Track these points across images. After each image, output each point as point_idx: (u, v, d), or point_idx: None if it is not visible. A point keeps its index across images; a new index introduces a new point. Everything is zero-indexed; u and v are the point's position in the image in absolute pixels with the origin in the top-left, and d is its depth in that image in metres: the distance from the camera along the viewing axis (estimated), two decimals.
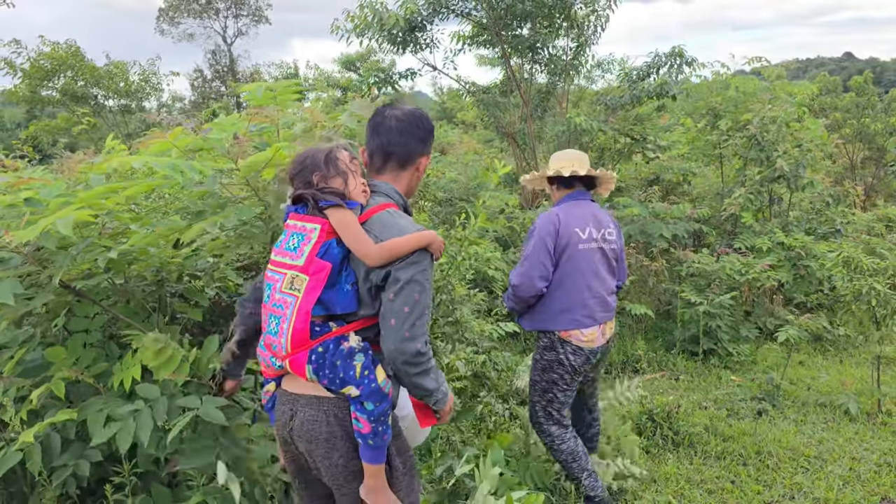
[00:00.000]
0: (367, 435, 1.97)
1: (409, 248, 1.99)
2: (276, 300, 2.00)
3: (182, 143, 2.38)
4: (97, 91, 14.96)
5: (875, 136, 14.74)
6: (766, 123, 8.78)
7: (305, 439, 2.05)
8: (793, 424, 5.10)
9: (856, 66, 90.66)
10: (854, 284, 5.25)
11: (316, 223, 2.01)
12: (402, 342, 1.93)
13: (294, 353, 1.97)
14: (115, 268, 2.91)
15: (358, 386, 1.95)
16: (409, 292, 1.96)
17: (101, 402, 2.39)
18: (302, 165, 2.08)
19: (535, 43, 9.36)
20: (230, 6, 33.84)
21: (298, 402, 2.07)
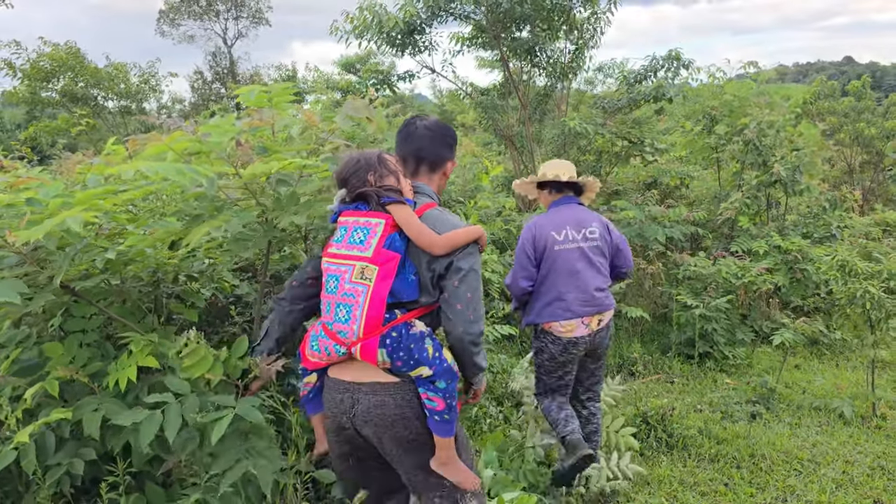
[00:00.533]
0: (443, 411, 2.17)
1: (466, 240, 2.23)
2: (346, 290, 2.16)
3: (179, 146, 2.40)
4: (97, 92, 14.98)
5: (873, 139, 14.77)
6: (763, 128, 8.82)
7: (374, 423, 2.21)
8: (787, 428, 5.12)
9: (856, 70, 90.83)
10: (849, 288, 5.27)
11: (380, 218, 2.19)
12: (469, 324, 2.19)
13: (365, 339, 2.13)
14: (111, 268, 2.93)
15: (431, 366, 2.14)
16: (471, 279, 2.22)
17: (95, 402, 2.41)
18: (357, 166, 2.27)
19: (534, 46, 9.39)
20: (230, 8, 33.86)
21: (360, 389, 2.22)
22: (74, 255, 2.62)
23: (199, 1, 32.83)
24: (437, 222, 2.25)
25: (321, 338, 2.24)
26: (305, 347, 2.33)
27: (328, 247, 2.29)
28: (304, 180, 2.82)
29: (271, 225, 2.70)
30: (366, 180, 2.24)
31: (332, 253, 2.25)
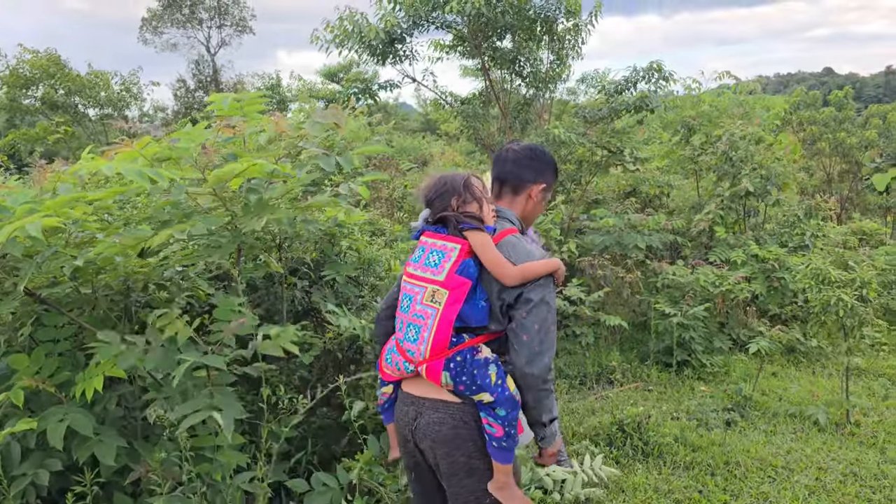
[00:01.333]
0: (501, 438, 2.17)
1: (540, 273, 2.20)
2: (417, 311, 2.20)
3: (149, 151, 2.40)
4: (77, 100, 14.88)
5: (851, 149, 14.97)
6: (735, 140, 8.92)
7: (430, 438, 2.26)
8: (762, 435, 5.15)
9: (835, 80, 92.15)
10: (823, 296, 5.33)
11: (457, 243, 2.21)
12: (534, 356, 2.15)
13: (431, 360, 2.18)
14: (81, 277, 2.92)
15: (492, 393, 2.15)
16: (539, 311, 2.17)
17: (61, 412, 2.39)
18: (443, 189, 2.29)
19: (515, 55, 9.45)
20: (214, 16, 33.75)
21: (424, 404, 2.27)
22: (42, 263, 2.61)
23: (181, 9, 32.68)
24: (512, 250, 2.24)
25: (394, 353, 2.30)
26: (382, 360, 2.38)
27: (407, 265, 2.34)
28: (272, 187, 2.82)
29: (239, 231, 2.70)
30: (449, 204, 2.26)
31: (409, 272, 2.30)
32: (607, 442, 4.83)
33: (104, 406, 2.57)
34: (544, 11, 9.14)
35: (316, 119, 2.80)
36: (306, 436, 3.53)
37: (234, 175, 2.53)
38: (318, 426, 3.58)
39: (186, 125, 2.77)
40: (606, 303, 7.62)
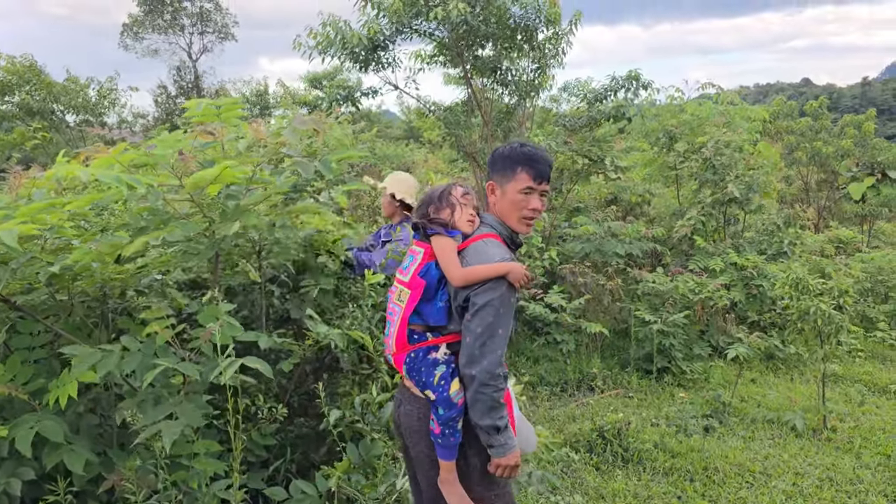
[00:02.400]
0: (437, 436, 2.31)
1: (486, 276, 2.24)
2: (390, 308, 2.42)
3: (125, 158, 2.38)
4: (55, 106, 14.74)
5: (828, 158, 15.18)
6: (720, 147, 9.02)
7: (403, 427, 2.47)
8: (741, 441, 5.19)
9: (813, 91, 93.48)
10: (801, 304, 5.39)
11: (421, 247, 2.40)
12: (473, 358, 2.20)
13: (397, 354, 2.38)
14: (57, 283, 2.89)
15: (434, 391, 2.29)
16: (484, 315, 2.21)
17: (33, 419, 2.36)
18: (423, 200, 2.48)
19: (497, 64, 9.48)
20: (196, 23, 33.62)
21: (404, 395, 2.47)
22: (17, 269, 2.58)
23: (163, 15, 32.52)
24: (474, 254, 2.31)
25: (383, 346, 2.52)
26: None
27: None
28: (250, 193, 2.81)
29: (217, 237, 2.68)
30: (426, 212, 2.43)
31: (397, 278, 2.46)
32: (587, 448, 4.85)
33: (78, 413, 2.53)
34: (524, 20, 9.19)
35: (295, 125, 2.79)
36: (285, 444, 3.51)
37: (210, 181, 2.52)
38: (296, 434, 3.56)
39: (163, 132, 2.75)
40: (587, 310, 7.65)
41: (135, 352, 2.29)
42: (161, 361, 2.24)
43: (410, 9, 8.36)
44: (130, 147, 2.47)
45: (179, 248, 2.82)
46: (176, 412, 2.26)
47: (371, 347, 3.50)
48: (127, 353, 2.28)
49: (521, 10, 9.17)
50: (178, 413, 2.26)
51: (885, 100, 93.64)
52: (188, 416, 2.26)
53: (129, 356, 2.27)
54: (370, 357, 3.73)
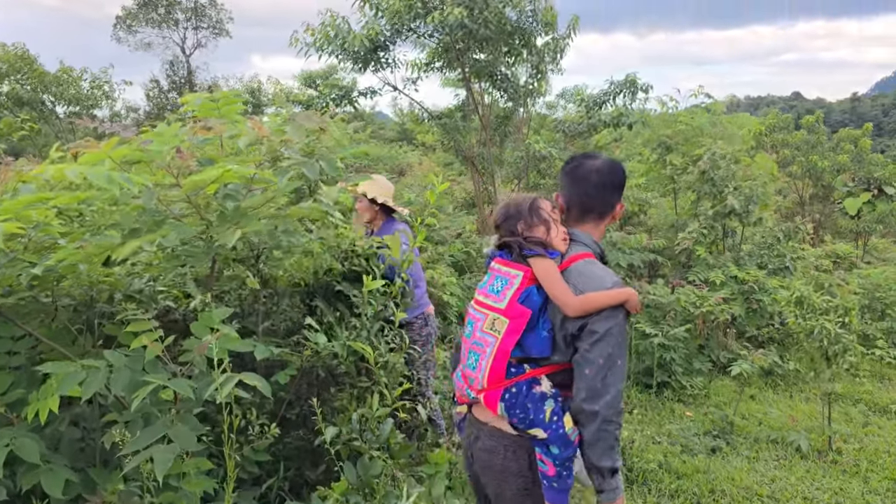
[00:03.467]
0: (552, 478, 2.09)
1: (607, 303, 2.06)
2: (478, 338, 2.15)
3: (118, 153, 2.19)
4: (46, 97, 14.46)
5: (823, 172, 15.14)
6: (716, 160, 8.90)
7: (481, 464, 2.24)
8: (745, 461, 5.05)
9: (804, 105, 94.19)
10: (807, 323, 5.25)
11: (519, 270, 2.13)
12: (595, 392, 2.02)
13: (489, 389, 2.12)
14: (40, 285, 2.69)
15: (546, 430, 2.06)
16: (604, 345, 2.04)
17: (8, 435, 2.15)
18: (508, 214, 2.23)
19: (494, 68, 9.35)
20: (190, 17, 33.35)
21: (483, 429, 2.23)
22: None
23: (157, 9, 32.23)
24: (580, 278, 2.12)
25: (458, 379, 2.28)
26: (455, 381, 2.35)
27: (476, 290, 2.28)
28: (251, 195, 2.62)
29: (214, 242, 2.49)
30: (515, 229, 2.21)
31: (476, 298, 2.25)
32: None
33: (58, 428, 2.34)
34: (520, 24, 9.07)
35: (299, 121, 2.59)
36: (277, 459, 3.32)
37: (210, 182, 2.34)
38: (293, 447, 3.37)
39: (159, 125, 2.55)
40: None
41: (122, 368, 2.10)
42: (151, 378, 2.05)
43: (409, 11, 8.21)
44: (124, 141, 2.28)
45: (168, 250, 2.63)
46: (168, 435, 2.07)
47: (372, 359, 3.32)
48: (113, 369, 2.09)
49: (517, 14, 9.06)
50: (171, 436, 2.06)
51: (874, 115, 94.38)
52: (181, 439, 2.07)
53: (117, 373, 2.07)
54: (369, 369, 3.55)
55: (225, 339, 2.33)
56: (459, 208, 9.64)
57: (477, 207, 9.76)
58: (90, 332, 2.80)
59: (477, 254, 7.40)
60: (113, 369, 2.08)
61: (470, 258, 7.36)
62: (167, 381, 2.08)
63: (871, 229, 14.36)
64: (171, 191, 2.41)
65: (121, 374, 2.07)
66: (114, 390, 2.05)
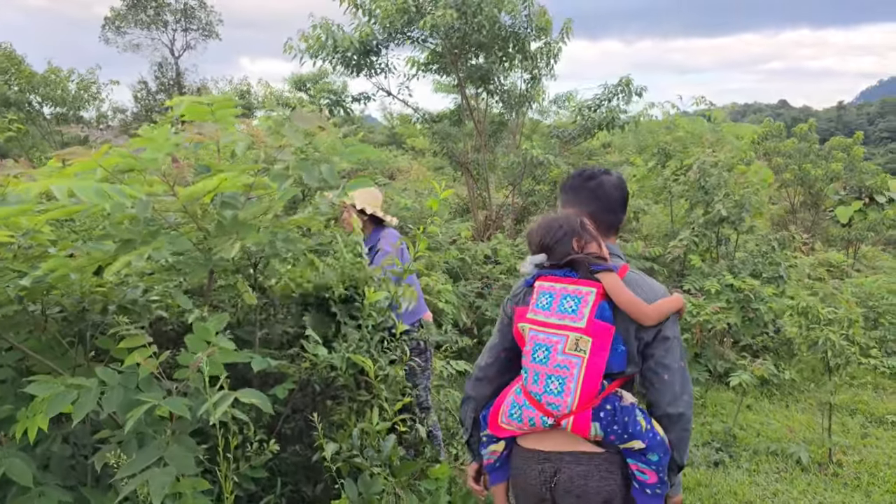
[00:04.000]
0: (655, 485, 2.09)
1: (673, 309, 2.16)
2: (559, 361, 2.06)
3: (109, 162, 2.09)
4: (33, 97, 14.26)
5: (815, 181, 15.16)
6: (706, 168, 8.86)
7: (575, 494, 2.11)
8: (746, 474, 4.98)
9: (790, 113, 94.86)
10: (811, 335, 5.20)
11: (591, 286, 2.10)
12: (676, 395, 2.10)
13: (579, 412, 2.04)
14: (29, 296, 2.58)
15: (644, 439, 2.06)
16: (677, 348, 2.14)
17: None
18: (561, 232, 2.18)
19: (488, 73, 9.28)
20: (179, 19, 33.12)
21: (563, 459, 2.13)
22: None
23: (146, 10, 31.98)
24: (639, 288, 2.17)
25: (525, 408, 2.13)
26: (498, 416, 2.22)
27: (526, 312, 2.19)
28: (250, 203, 2.51)
29: (212, 253, 2.38)
30: (571, 247, 2.18)
31: (539, 320, 2.14)
32: None
33: (49, 448, 2.23)
34: (514, 29, 9.01)
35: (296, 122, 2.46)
36: (274, 474, 3.21)
37: (207, 192, 2.24)
38: (289, 462, 3.26)
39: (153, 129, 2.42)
40: None
41: (115, 387, 1.99)
42: (145, 397, 1.95)
43: (402, 16, 8.12)
44: (114, 149, 2.17)
45: (168, 262, 2.52)
46: (164, 457, 1.96)
47: (372, 373, 3.22)
48: (106, 387, 1.97)
49: (511, 18, 9.00)
50: (167, 458, 1.96)
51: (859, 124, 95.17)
52: (178, 462, 1.96)
53: (109, 392, 1.96)
54: (368, 382, 3.44)
55: (221, 353, 2.22)
56: (452, 214, 9.55)
57: (471, 213, 9.69)
58: (82, 345, 2.69)
59: (472, 261, 7.32)
60: (105, 388, 1.97)
61: (465, 265, 7.27)
62: (162, 400, 1.97)
63: (862, 237, 14.39)
64: (166, 198, 2.31)
65: (114, 392, 1.96)
66: (106, 410, 1.94)
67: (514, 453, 2.28)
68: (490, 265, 7.50)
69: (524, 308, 2.20)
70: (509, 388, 2.27)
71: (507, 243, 7.66)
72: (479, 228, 9.16)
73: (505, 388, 2.30)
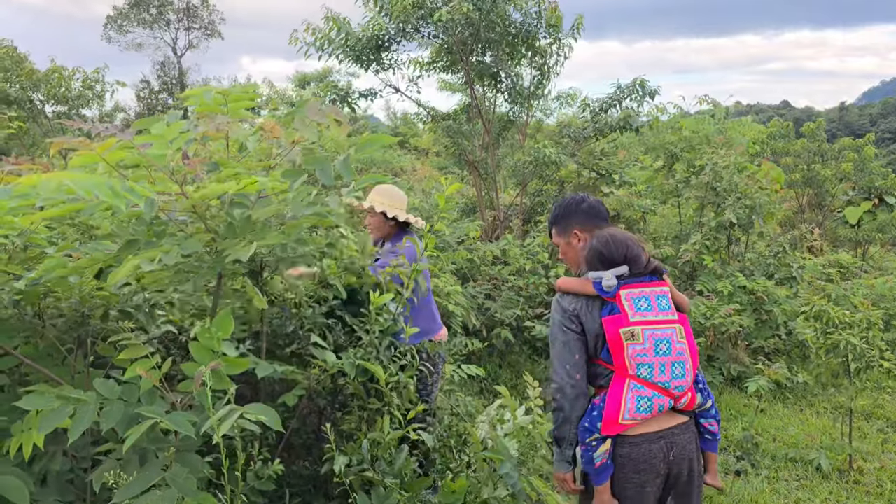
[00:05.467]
0: (716, 433, 2.66)
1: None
2: (678, 349, 2.45)
3: (113, 157, 1.95)
4: (35, 95, 14.11)
5: (824, 181, 15.00)
6: (718, 171, 8.71)
7: (688, 458, 2.50)
8: (766, 481, 4.84)
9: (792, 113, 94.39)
10: (830, 339, 5.05)
11: (665, 286, 2.56)
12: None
13: (691, 388, 2.48)
14: (25, 299, 2.44)
15: (710, 397, 2.61)
16: None
17: None
18: (637, 246, 2.56)
19: (497, 70, 9.14)
20: (182, 18, 33.04)
21: (673, 433, 2.47)
22: None
23: (149, 9, 31.90)
24: None
25: (655, 398, 2.41)
26: (618, 415, 2.41)
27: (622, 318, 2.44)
28: (262, 201, 2.36)
29: (222, 255, 2.23)
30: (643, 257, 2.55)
31: (648, 320, 2.45)
32: None
33: (48, 463, 2.08)
34: (525, 26, 8.87)
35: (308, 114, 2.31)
36: (282, 486, 3.07)
37: (220, 194, 2.09)
38: (300, 476, 3.12)
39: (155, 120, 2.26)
40: None
41: (115, 401, 1.84)
42: (147, 412, 1.80)
43: (417, 10, 7.97)
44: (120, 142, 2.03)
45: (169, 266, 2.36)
46: (166, 478, 1.81)
47: (383, 380, 3.08)
48: (105, 401, 1.83)
49: (521, 15, 8.86)
50: (169, 479, 1.81)
51: (861, 124, 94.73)
52: (181, 484, 1.82)
53: (109, 407, 1.82)
54: (378, 390, 3.29)
55: (227, 364, 2.07)
56: (460, 215, 9.40)
57: (479, 213, 9.54)
58: (82, 353, 2.55)
59: (481, 262, 7.17)
60: (104, 402, 1.82)
61: (474, 266, 7.12)
62: (164, 416, 1.82)
63: (871, 238, 14.22)
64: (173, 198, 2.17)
65: (113, 407, 1.82)
66: (106, 426, 1.80)
67: (622, 443, 2.46)
68: (499, 266, 7.35)
69: (618, 316, 2.44)
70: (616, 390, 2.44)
71: (516, 244, 7.51)
72: (487, 229, 9.01)
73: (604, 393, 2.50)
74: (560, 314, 2.57)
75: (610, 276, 2.47)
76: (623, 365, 2.42)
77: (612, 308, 2.46)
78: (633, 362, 2.41)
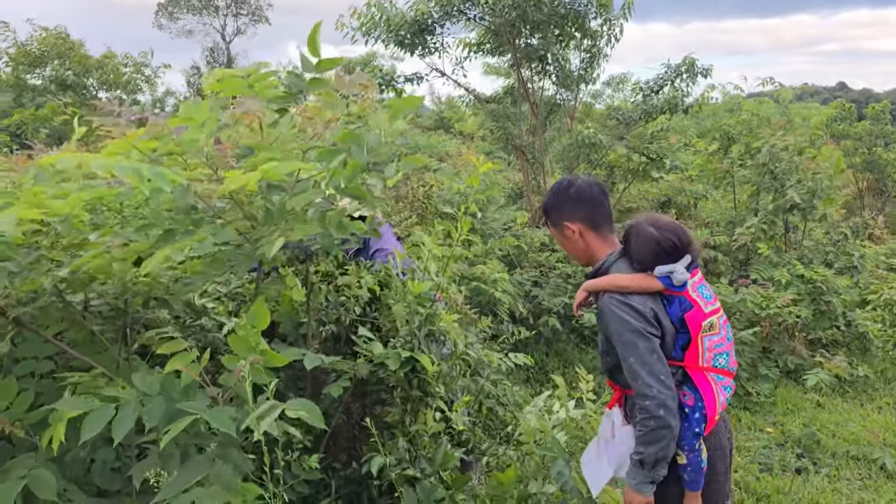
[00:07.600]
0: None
1: None
2: (731, 334, 2.46)
3: (146, 146, 1.88)
4: (90, 81, 14.39)
5: (885, 166, 14.36)
6: (777, 152, 8.36)
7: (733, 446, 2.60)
8: (826, 480, 4.63)
9: (849, 95, 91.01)
10: None
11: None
12: None
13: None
14: (69, 287, 2.41)
15: None
16: None
17: (27, 465, 1.86)
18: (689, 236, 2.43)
19: (545, 52, 8.93)
20: (230, 4, 33.40)
21: (723, 415, 2.46)
22: (20, 272, 2.10)
23: None
24: None
25: (732, 384, 2.44)
26: (716, 409, 2.34)
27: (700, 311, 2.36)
28: (300, 186, 2.27)
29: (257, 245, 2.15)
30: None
31: (714, 309, 2.40)
32: None
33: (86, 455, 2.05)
34: (574, 6, 8.63)
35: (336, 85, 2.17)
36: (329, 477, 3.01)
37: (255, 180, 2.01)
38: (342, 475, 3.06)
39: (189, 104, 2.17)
40: None
41: (155, 397, 1.78)
42: (188, 407, 1.74)
43: None
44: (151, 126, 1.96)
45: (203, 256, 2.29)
46: (210, 476, 1.75)
47: (430, 370, 2.99)
48: (146, 398, 1.77)
49: None
50: (213, 477, 1.75)
51: None
52: (224, 482, 1.75)
53: (150, 404, 1.76)
54: (422, 382, 3.20)
55: (268, 357, 1.99)
56: (507, 200, 9.26)
57: (525, 199, 9.37)
58: (124, 342, 2.52)
59: (528, 248, 7.04)
60: (145, 400, 1.77)
61: (521, 253, 6.99)
62: (205, 411, 1.76)
63: None
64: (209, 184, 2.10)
65: (155, 405, 1.76)
66: (149, 424, 1.75)
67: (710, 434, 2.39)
68: (547, 252, 7.20)
69: (694, 310, 2.33)
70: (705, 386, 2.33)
71: None
72: (534, 215, 8.84)
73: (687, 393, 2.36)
74: (635, 317, 2.27)
75: (681, 268, 2.32)
76: (697, 358, 2.32)
77: (680, 302, 2.33)
78: (711, 354, 2.34)
